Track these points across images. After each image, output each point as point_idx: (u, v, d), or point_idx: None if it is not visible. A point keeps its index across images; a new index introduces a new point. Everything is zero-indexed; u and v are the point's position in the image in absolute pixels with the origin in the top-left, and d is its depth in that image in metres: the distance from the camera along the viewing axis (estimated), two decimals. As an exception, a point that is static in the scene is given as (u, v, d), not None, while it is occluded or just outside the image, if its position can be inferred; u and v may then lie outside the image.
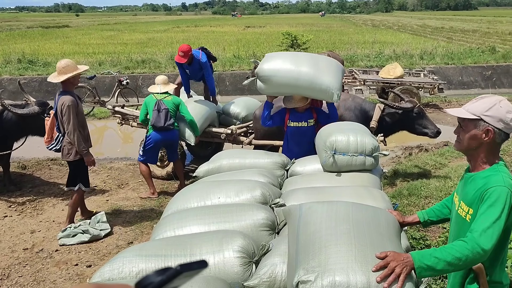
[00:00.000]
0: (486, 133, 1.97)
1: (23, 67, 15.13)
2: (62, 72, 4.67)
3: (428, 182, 6.06)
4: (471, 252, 1.83)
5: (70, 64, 4.73)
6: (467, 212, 2.04)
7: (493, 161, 2.03)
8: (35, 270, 4.31)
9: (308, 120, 4.79)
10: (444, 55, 17.39)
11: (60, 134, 4.91)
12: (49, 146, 5.12)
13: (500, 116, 1.95)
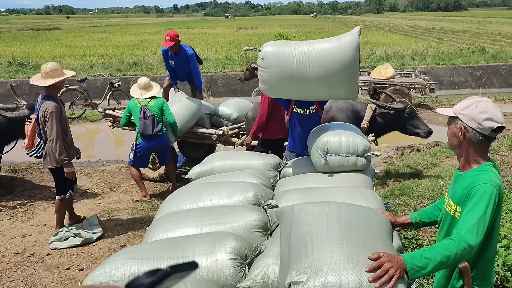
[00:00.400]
0: (461, 131, 2.05)
1: (14, 70, 15.03)
2: (49, 76, 4.50)
3: (420, 182, 6.10)
4: (458, 249, 1.88)
5: (57, 68, 4.57)
6: (455, 210, 2.09)
7: (480, 161, 2.08)
8: (27, 274, 4.27)
9: (310, 107, 4.79)
10: (435, 55, 17.52)
11: (42, 140, 4.73)
12: (30, 153, 4.85)
13: (472, 115, 2.01)
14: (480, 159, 2.07)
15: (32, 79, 4.59)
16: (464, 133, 2.04)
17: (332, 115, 5.67)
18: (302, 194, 3.12)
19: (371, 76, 11.11)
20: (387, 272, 1.77)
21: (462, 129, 2.04)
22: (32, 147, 4.81)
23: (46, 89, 4.57)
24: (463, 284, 2.10)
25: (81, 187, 6.51)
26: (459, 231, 1.92)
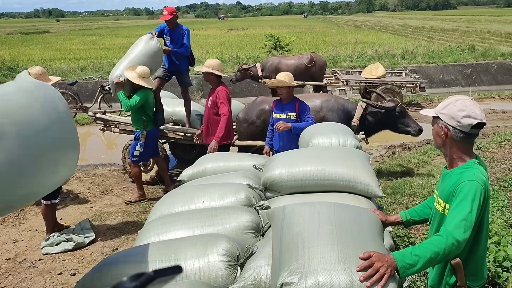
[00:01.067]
0: (442, 130, 2.09)
1: (3, 74, 14.92)
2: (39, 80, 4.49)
3: (412, 180, 6.14)
4: (447, 244, 1.91)
5: (44, 73, 4.53)
6: (443, 207, 2.13)
7: (466, 158, 2.11)
8: (18, 280, 4.24)
9: (288, 113, 4.82)
10: (425, 54, 17.65)
11: None
12: None
13: (451, 113, 2.06)
14: (465, 156, 2.11)
15: None
16: (445, 132, 2.08)
17: (323, 115, 5.68)
18: (294, 196, 3.13)
19: (362, 76, 11.17)
20: (377, 271, 1.78)
21: (443, 128, 2.09)
22: None
23: None
24: (456, 280, 2.14)
25: (73, 191, 6.47)
26: (446, 227, 1.95)
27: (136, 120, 5.76)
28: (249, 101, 9.17)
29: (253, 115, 5.80)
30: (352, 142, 3.92)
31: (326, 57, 17.30)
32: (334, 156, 3.31)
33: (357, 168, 3.17)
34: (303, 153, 3.54)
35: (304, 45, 23.30)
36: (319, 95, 6.77)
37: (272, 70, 10.35)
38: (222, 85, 5.32)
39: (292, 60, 10.63)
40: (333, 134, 4.01)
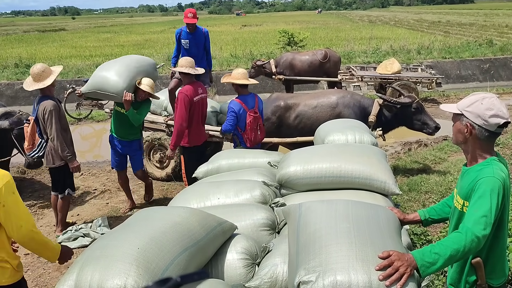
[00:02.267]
0: (467, 128, 2.05)
1: (21, 72, 15.11)
2: (44, 77, 4.49)
3: (428, 177, 6.06)
4: (467, 241, 1.89)
5: (46, 69, 4.54)
6: (462, 205, 2.11)
7: (486, 155, 2.08)
8: (37, 275, 4.31)
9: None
10: (442, 49, 17.39)
11: (43, 140, 4.74)
12: (31, 154, 4.82)
13: (478, 112, 2.01)
14: (485, 154, 2.08)
15: (27, 85, 4.52)
16: (470, 130, 2.04)
17: (339, 111, 5.64)
18: (309, 193, 3.11)
19: (377, 71, 11.05)
20: (397, 270, 1.76)
21: (468, 126, 2.04)
22: (33, 148, 4.83)
23: (41, 89, 4.56)
24: (476, 279, 2.11)
25: (89, 187, 6.54)
26: (466, 224, 1.93)
27: (135, 129, 5.45)
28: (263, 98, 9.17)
29: (269, 111, 5.78)
30: (369, 139, 3.88)
31: (341, 52, 17.17)
32: (350, 153, 3.28)
33: (373, 165, 3.14)
34: (319, 150, 3.52)
35: (318, 40, 23.16)
36: (335, 91, 6.72)
37: (286, 66, 10.31)
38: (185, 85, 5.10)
39: (306, 56, 10.58)
40: (349, 131, 3.98)
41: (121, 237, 2.05)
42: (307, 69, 10.33)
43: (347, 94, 5.97)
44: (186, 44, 6.66)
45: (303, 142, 5.32)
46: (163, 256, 1.96)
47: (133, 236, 2.02)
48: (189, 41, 6.65)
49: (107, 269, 1.84)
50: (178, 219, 2.24)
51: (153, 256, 1.93)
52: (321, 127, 4.43)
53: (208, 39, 6.76)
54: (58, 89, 13.24)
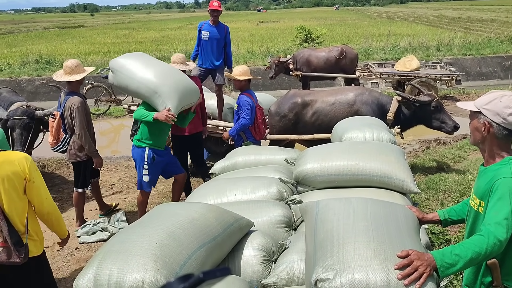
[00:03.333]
0: (484, 126, 2.00)
1: (41, 68, 15.37)
2: (75, 72, 4.58)
3: (447, 176, 5.97)
4: (489, 244, 1.85)
5: (79, 65, 4.66)
6: (478, 205, 2.07)
7: (504, 154, 2.04)
8: (56, 268, 4.38)
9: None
10: (462, 46, 17.09)
11: (67, 135, 4.83)
12: (55, 148, 4.97)
13: (497, 110, 1.96)
14: (503, 153, 2.04)
15: (57, 76, 4.64)
16: (487, 128, 2.00)
17: (357, 108, 5.59)
18: (326, 191, 3.10)
19: (395, 68, 10.91)
20: (416, 270, 1.74)
21: (485, 124, 2.00)
22: (57, 143, 4.97)
23: (69, 85, 4.65)
24: (492, 280, 2.08)
25: (107, 183, 6.62)
26: (487, 227, 1.89)
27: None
28: (279, 94, 9.14)
29: (285, 108, 5.76)
30: (387, 136, 3.85)
31: (358, 49, 17.00)
32: (368, 150, 3.25)
33: (391, 163, 3.11)
34: (336, 147, 3.50)
35: (336, 37, 22.98)
36: (352, 88, 6.66)
37: (303, 63, 10.27)
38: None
39: (322, 52, 10.53)
40: (367, 128, 3.94)
41: (139, 232, 2.07)
42: (323, 65, 10.29)
43: (365, 91, 5.91)
44: (206, 36, 6.61)
45: (320, 139, 5.30)
46: (180, 252, 1.98)
47: (151, 231, 2.05)
48: (209, 33, 6.63)
49: (125, 263, 1.87)
50: (195, 215, 2.25)
51: (170, 251, 1.95)
52: (338, 125, 4.41)
53: (228, 35, 6.79)
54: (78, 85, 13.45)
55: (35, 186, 2.71)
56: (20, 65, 16.02)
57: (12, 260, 2.64)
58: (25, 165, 2.65)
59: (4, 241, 2.61)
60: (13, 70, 15.24)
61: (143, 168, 4.55)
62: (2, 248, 2.63)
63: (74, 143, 4.76)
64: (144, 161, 4.50)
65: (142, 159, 4.51)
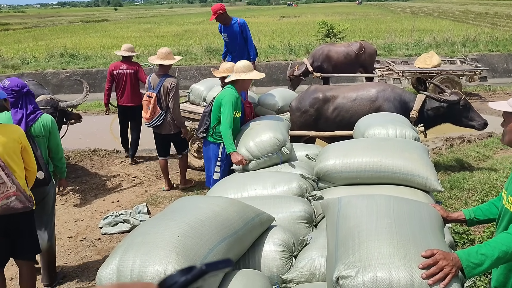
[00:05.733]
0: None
1: (66, 61, 15.63)
2: (167, 58, 5.46)
3: (471, 174, 5.85)
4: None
5: (171, 53, 5.54)
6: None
7: None
8: (79, 257, 4.48)
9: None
10: (488, 42, 16.66)
11: (163, 111, 5.54)
12: (150, 123, 5.62)
13: None
14: None
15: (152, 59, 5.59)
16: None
17: (379, 105, 5.51)
18: (347, 187, 3.07)
19: (416, 65, 10.63)
20: (441, 270, 1.70)
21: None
22: (152, 118, 5.59)
23: (162, 68, 5.53)
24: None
25: (129, 175, 6.71)
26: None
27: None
28: (301, 90, 9.08)
29: (306, 104, 5.72)
30: (410, 133, 3.79)
31: (381, 45, 16.76)
32: (391, 147, 3.21)
33: (415, 160, 3.06)
34: (359, 143, 3.47)
35: (358, 32, 22.69)
36: (375, 84, 6.57)
37: (323, 59, 10.13)
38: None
39: (342, 47, 10.36)
40: (390, 125, 3.89)
41: (161, 224, 2.09)
42: (344, 60, 10.13)
43: (387, 87, 5.81)
44: (225, 37, 6.85)
45: (341, 136, 5.24)
46: (202, 245, 1.99)
47: (173, 224, 2.06)
48: (227, 34, 6.83)
49: (148, 255, 1.89)
50: (217, 208, 2.26)
51: (192, 244, 1.96)
52: (361, 121, 4.36)
53: (246, 29, 6.80)
54: (100, 78, 13.64)
55: (28, 151, 3.27)
56: (46, 58, 16.32)
57: (26, 205, 3.12)
58: (20, 135, 3.21)
59: (16, 190, 3.07)
60: (39, 63, 15.54)
61: (215, 164, 4.51)
62: (15, 197, 3.07)
63: (171, 118, 5.54)
64: (217, 156, 4.47)
65: (216, 154, 4.48)
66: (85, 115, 10.67)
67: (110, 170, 6.96)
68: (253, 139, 4.00)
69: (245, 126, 4.51)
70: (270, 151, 3.89)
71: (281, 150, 3.88)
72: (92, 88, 13.06)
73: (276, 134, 3.93)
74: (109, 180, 6.52)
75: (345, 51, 10.13)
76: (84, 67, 14.67)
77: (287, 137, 4.08)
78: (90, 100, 11.63)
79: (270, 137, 3.91)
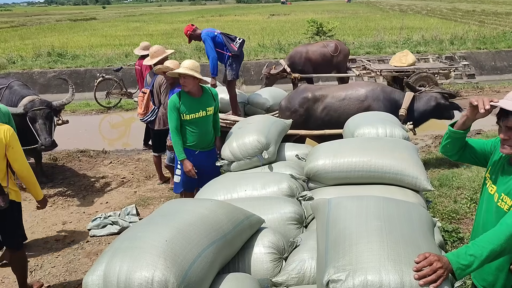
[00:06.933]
0: None
1: (53, 60, 15.43)
2: (154, 56, 5.59)
3: (460, 172, 5.89)
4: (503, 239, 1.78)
5: (160, 49, 5.71)
6: (510, 206, 1.98)
7: None
8: (67, 261, 4.41)
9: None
10: (476, 39, 16.79)
11: (156, 106, 5.65)
12: (144, 118, 5.77)
13: None
14: None
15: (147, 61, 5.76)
16: None
17: (368, 104, 5.51)
18: (338, 187, 3.06)
19: (391, 64, 10.52)
20: (435, 272, 1.69)
21: None
22: (146, 113, 5.74)
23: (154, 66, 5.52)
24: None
25: (118, 176, 6.65)
26: (505, 219, 1.83)
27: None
28: (290, 88, 9.05)
29: (296, 103, 5.70)
30: (400, 132, 3.79)
31: (370, 43, 16.81)
32: (381, 147, 3.21)
33: (404, 160, 3.06)
34: (348, 143, 3.46)
35: (347, 30, 22.74)
36: (363, 83, 6.57)
37: (304, 61, 9.88)
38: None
39: (318, 47, 10.20)
40: (379, 124, 3.89)
41: (149, 228, 2.05)
42: (321, 61, 9.97)
43: (376, 86, 5.82)
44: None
45: (330, 135, 5.24)
46: (190, 249, 1.96)
47: (161, 228, 2.03)
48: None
49: (135, 261, 1.85)
50: (205, 211, 2.23)
51: (180, 249, 1.93)
52: (350, 120, 4.35)
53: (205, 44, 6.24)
54: (89, 78, 13.50)
55: (14, 151, 3.34)
56: (33, 58, 16.10)
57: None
58: (7, 134, 3.28)
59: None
60: (26, 62, 15.32)
61: (176, 167, 4.46)
62: None
63: (163, 114, 5.45)
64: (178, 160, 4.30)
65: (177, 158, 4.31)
66: (73, 115, 10.58)
67: (99, 171, 6.89)
68: (236, 140, 3.96)
69: (237, 124, 4.49)
70: (251, 153, 3.85)
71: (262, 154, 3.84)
72: (80, 87, 12.97)
73: (259, 137, 3.88)
74: (98, 181, 6.45)
75: (322, 52, 9.98)
76: (72, 66, 14.50)
77: (273, 140, 3.97)
78: (78, 99, 11.52)
79: (252, 140, 3.86)
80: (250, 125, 4.19)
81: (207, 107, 4.24)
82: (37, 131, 5.55)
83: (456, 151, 2.29)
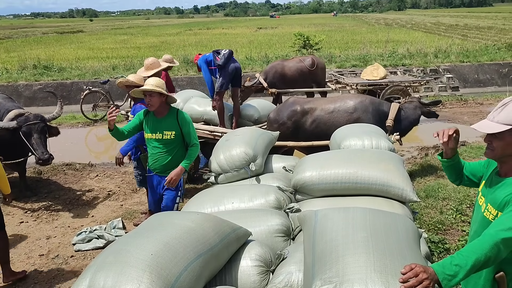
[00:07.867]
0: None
1: (39, 73, 15.30)
2: (149, 68, 5.53)
3: (446, 183, 5.94)
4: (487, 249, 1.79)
5: (155, 62, 5.62)
6: (495, 216, 2.00)
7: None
8: (51, 276, 4.32)
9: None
10: (459, 53, 17.14)
11: None
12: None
13: None
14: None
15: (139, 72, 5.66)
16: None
17: (357, 116, 5.56)
18: (325, 199, 3.07)
19: (363, 77, 10.56)
20: (421, 283, 1.69)
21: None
22: None
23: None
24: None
25: (104, 189, 6.57)
26: (489, 230, 1.85)
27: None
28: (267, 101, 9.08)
29: (284, 116, 5.72)
30: (386, 144, 3.83)
31: (356, 56, 17.03)
32: (367, 158, 3.23)
33: (390, 171, 3.09)
34: (335, 155, 3.47)
35: (334, 43, 23.04)
36: (352, 96, 6.62)
37: (278, 77, 9.81)
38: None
39: (294, 62, 10.16)
40: (365, 136, 3.92)
41: (134, 242, 2.03)
42: (298, 77, 9.91)
43: (365, 98, 5.88)
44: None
45: (318, 146, 5.26)
46: (176, 263, 1.94)
47: (147, 242, 2.01)
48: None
49: (120, 275, 1.82)
50: (192, 224, 2.21)
51: (166, 263, 1.91)
52: (337, 132, 4.38)
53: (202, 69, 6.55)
54: (75, 90, 13.41)
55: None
56: (18, 70, 15.96)
57: None
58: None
59: None
60: (11, 75, 15.17)
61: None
62: None
63: None
64: None
65: None
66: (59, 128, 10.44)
67: (85, 184, 6.80)
68: (224, 153, 3.96)
69: (224, 136, 4.50)
70: (238, 166, 3.85)
71: (249, 166, 3.84)
72: (67, 100, 12.85)
73: (247, 149, 3.89)
74: (84, 195, 6.37)
75: (298, 67, 9.94)
76: (58, 79, 14.39)
77: (260, 152, 3.99)
78: (65, 112, 11.36)
79: (240, 152, 3.87)
80: (237, 137, 4.19)
81: (165, 131, 3.97)
82: (33, 145, 5.50)
83: (455, 177, 2.40)
